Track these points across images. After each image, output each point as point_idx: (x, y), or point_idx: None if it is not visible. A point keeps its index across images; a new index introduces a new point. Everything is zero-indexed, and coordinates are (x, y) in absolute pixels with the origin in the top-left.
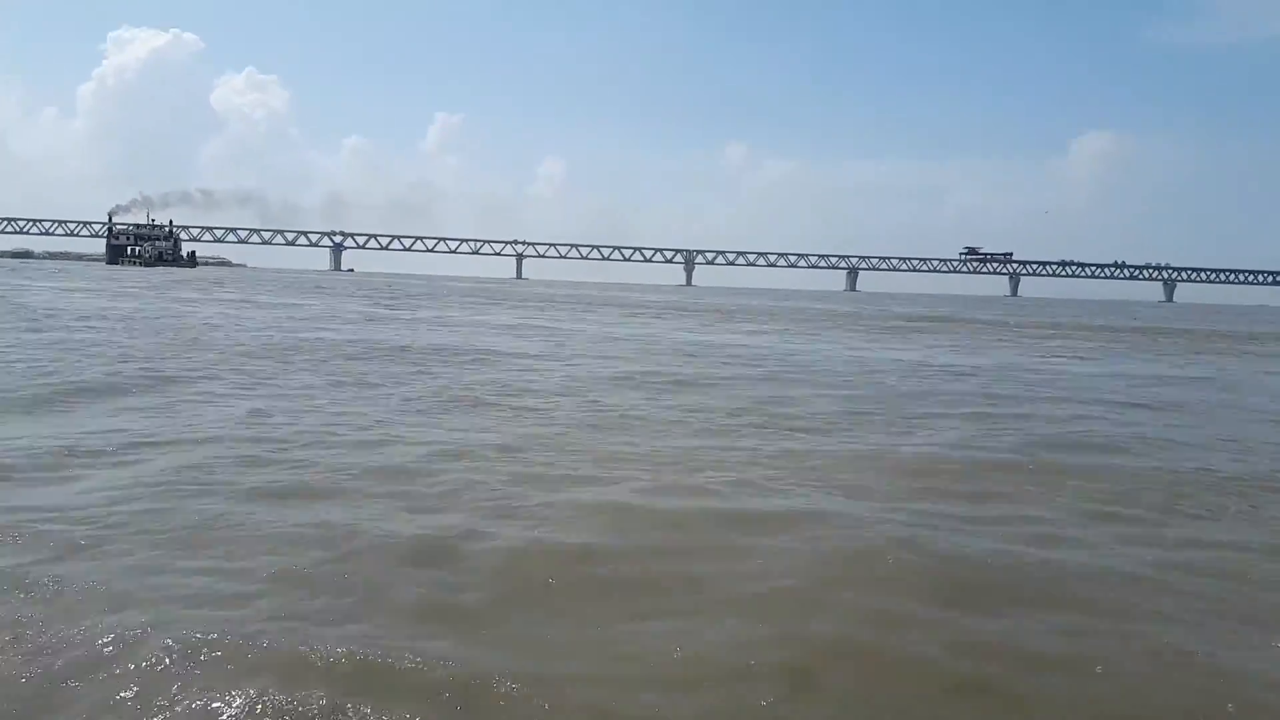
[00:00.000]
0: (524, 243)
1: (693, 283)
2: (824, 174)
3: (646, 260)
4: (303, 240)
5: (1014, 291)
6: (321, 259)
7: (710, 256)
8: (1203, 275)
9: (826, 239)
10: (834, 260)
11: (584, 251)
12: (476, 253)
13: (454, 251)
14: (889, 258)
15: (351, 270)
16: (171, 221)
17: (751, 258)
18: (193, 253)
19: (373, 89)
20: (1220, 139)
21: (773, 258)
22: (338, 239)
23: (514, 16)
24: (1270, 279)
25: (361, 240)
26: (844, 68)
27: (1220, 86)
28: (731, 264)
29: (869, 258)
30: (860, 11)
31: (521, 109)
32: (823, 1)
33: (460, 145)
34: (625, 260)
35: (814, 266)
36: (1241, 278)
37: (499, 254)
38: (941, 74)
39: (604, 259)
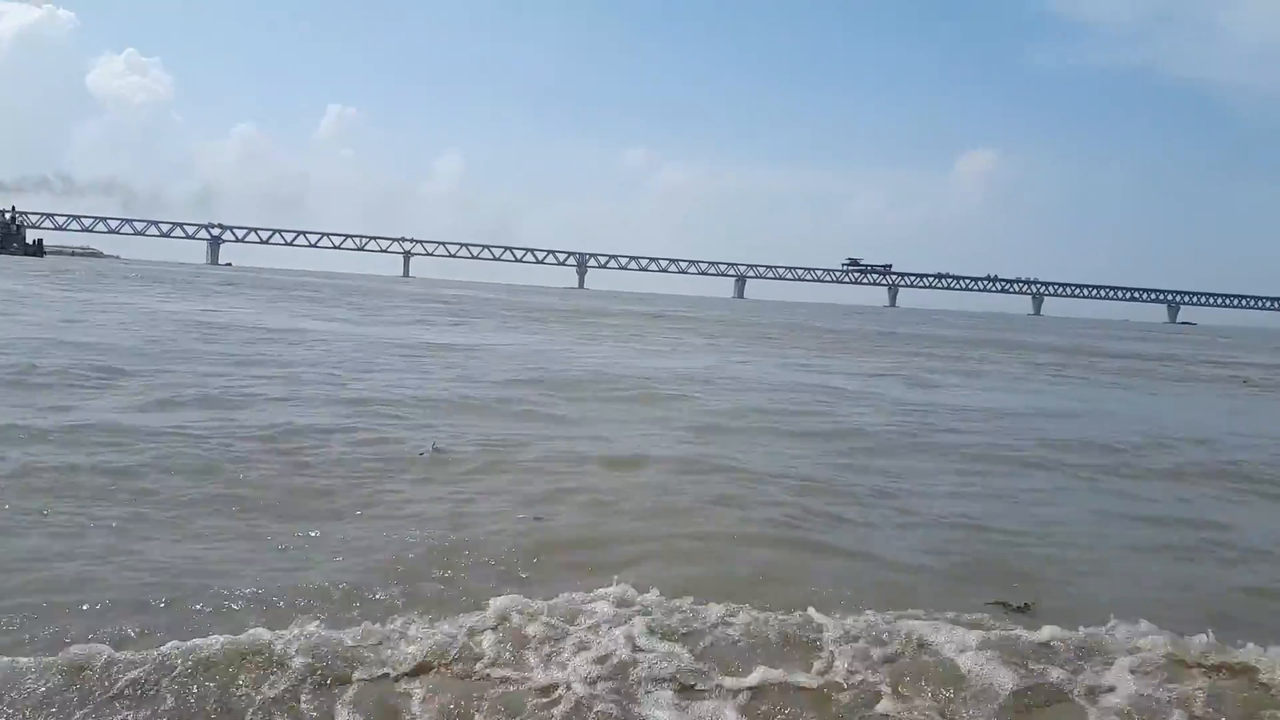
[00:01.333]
0: (412, 240)
1: (585, 286)
2: (723, 181)
3: (538, 262)
4: (178, 232)
5: (892, 302)
6: (198, 252)
7: (603, 260)
8: (1068, 290)
9: (721, 246)
10: (724, 268)
11: (475, 251)
12: (362, 249)
13: (339, 247)
14: (775, 267)
15: (229, 265)
16: (14, 207)
17: (644, 262)
18: (39, 241)
19: (265, 76)
20: (1089, 160)
21: (664, 263)
22: (215, 231)
23: (413, 10)
24: (1129, 295)
25: (241, 233)
26: (746, 77)
27: (1090, 109)
28: (624, 268)
29: (757, 266)
30: (763, 24)
31: (420, 104)
32: (727, 12)
33: (355, 138)
34: (517, 261)
35: (704, 273)
36: (1103, 293)
37: (385, 250)
38: (841, 88)
39: (495, 259)
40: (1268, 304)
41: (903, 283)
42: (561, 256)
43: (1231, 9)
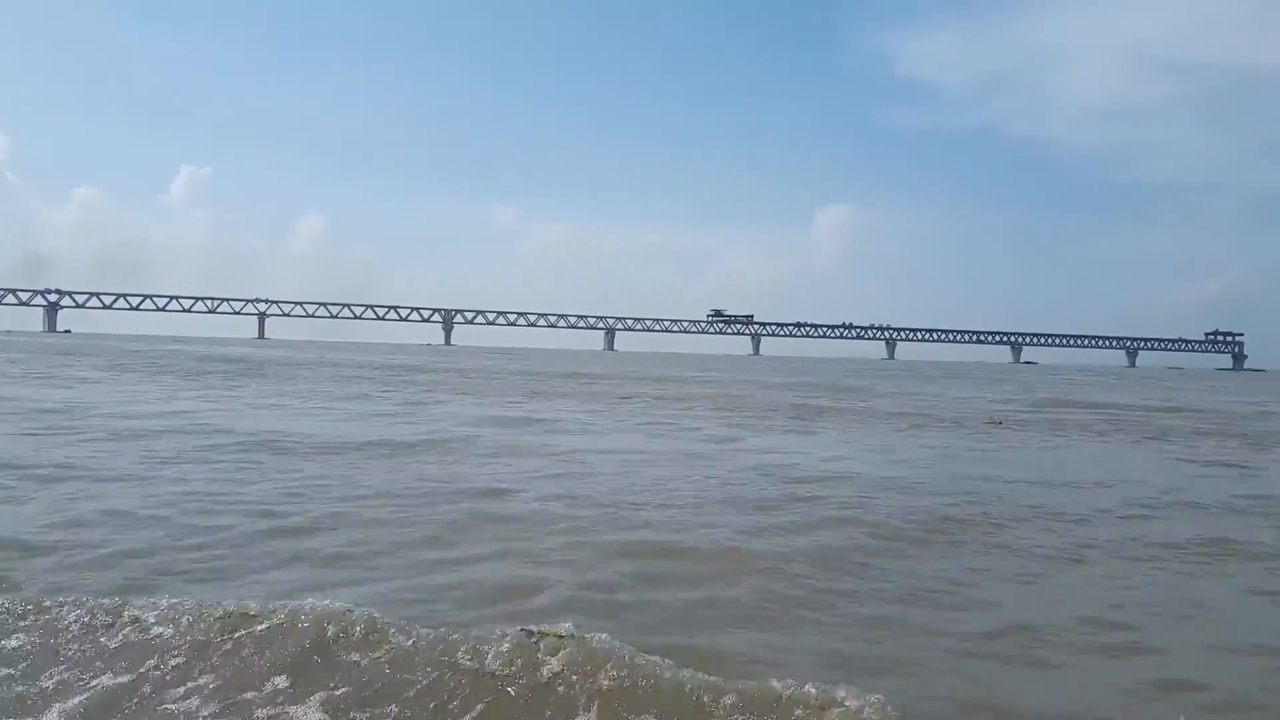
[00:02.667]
0: (267, 301)
1: (451, 342)
2: (593, 239)
3: (403, 319)
4: (10, 299)
5: (756, 350)
6: (34, 319)
7: (470, 316)
8: (918, 335)
9: (591, 301)
10: (593, 320)
11: (334, 310)
12: (214, 311)
13: (189, 310)
14: (644, 319)
15: (68, 331)
16: None
17: (512, 317)
18: None
19: (109, 137)
20: (938, 212)
21: (533, 317)
22: (52, 297)
23: (274, 70)
24: (974, 338)
25: (82, 298)
26: (617, 137)
27: (939, 165)
28: (491, 323)
29: (625, 319)
30: (632, 87)
31: (280, 163)
32: (596, 73)
33: (210, 199)
34: (379, 319)
35: (573, 326)
36: (952, 337)
37: (239, 313)
38: (709, 147)
39: (356, 318)
40: (1097, 342)
41: (765, 332)
42: (426, 313)
43: (1061, 73)
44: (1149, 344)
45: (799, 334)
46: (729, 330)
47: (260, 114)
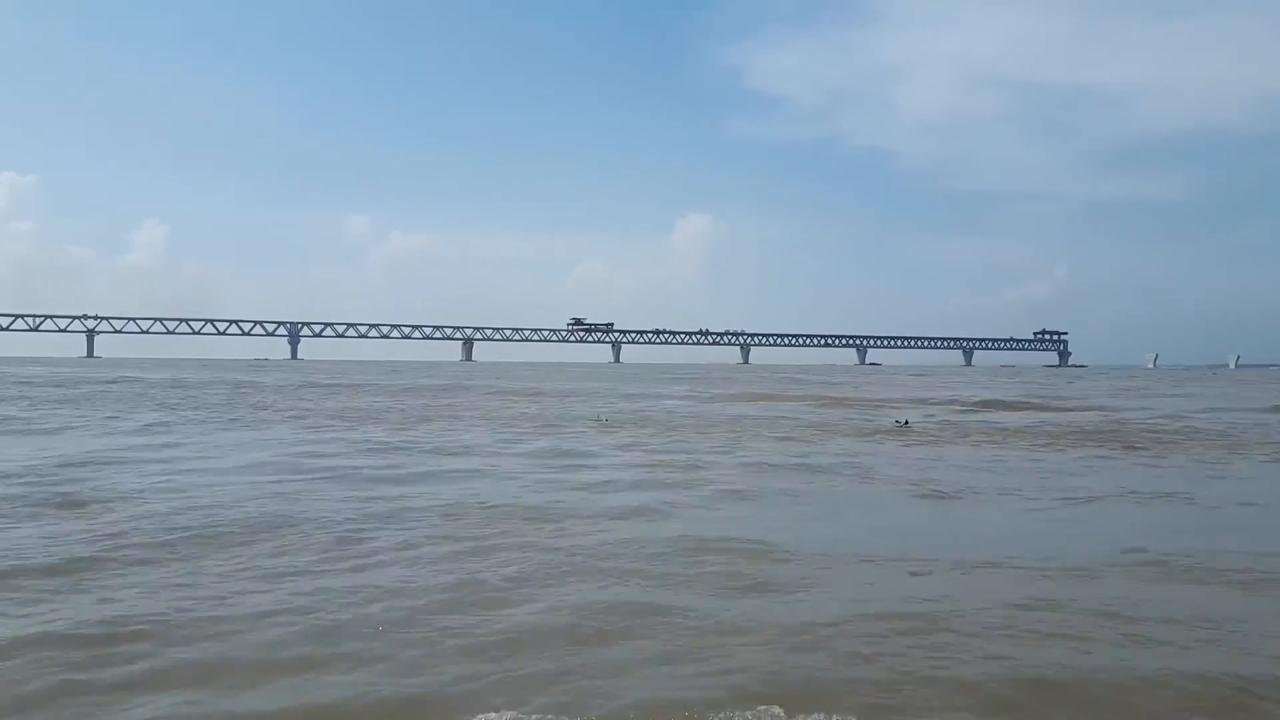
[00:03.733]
0: (96, 317)
1: (298, 356)
2: (451, 248)
3: (244, 333)
4: None
5: (616, 358)
6: None
7: (318, 328)
8: (771, 340)
9: (449, 311)
10: (449, 331)
11: (171, 325)
12: (37, 329)
13: (6, 329)
14: (502, 329)
15: None
16: None
17: (364, 329)
18: None
19: None
20: (789, 220)
21: (386, 329)
22: None
23: (113, 75)
24: (823, 342)
25: None
26: (474, 146)
27: (791, 174)
28: (341, 336)
29: (484, 329)
30: (489, 95)
31: (115, 170)
32: (450, 81)
33: (34, 209)
34: (220, 334)
35: (429, 338)
36: (802, 341)
37: (65, 330)
38: (568, 157)
39: (195, 333)
40: (937, 343)
41: (624, 339)
42: (271, 326)
43: (900, 87)
44: (984, 344)
45: (657, 341)
46: (590, 339)
47: (96, 117)
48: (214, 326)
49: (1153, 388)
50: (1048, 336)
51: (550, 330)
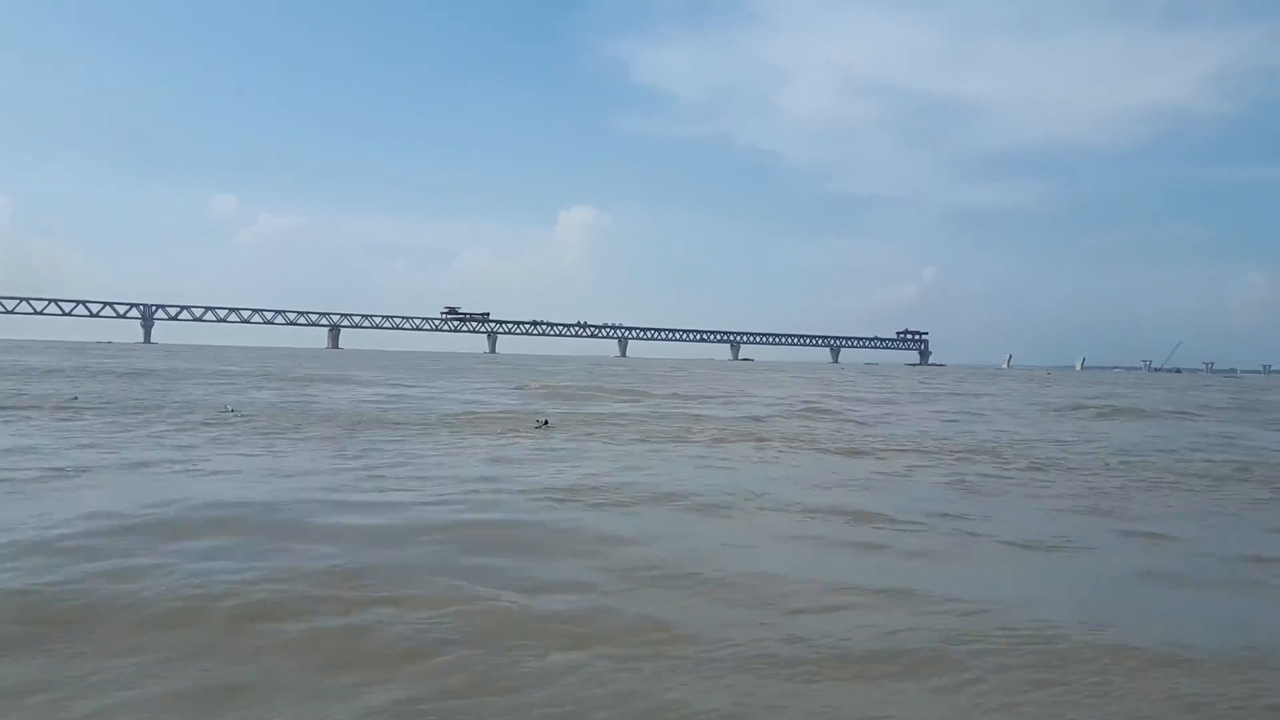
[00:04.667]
0: None
1: (152, 340)
2: (324, 233)
3: (93, 315)
4: None
5: (492, 349)
6: None
7: (174, 311)
8: (649, 334)
9: (320, 297)
10: (315, 317)
11: (9, 304)
12: None
13: None
14: (372, 316)
15: None
16: None
17: (223, 313)
18: None
19: None
20: (672, 217)
21: (246, 313)
22: None
23: None
24: (699, 337)
25: None
26: (349, 129)
27: (675, 171)
28: (199, 319)
29: (352, 315)
30: (368, 81)
31: None
32: (321, 61)
33: None
34: (65, 315)
35: (293, 324)
36: (678, 335)
37: None
38: (451, 145)
39: (38, 313)
40: (806, 341)
41: (501, 330)
42: (122, 308)
43: (784, 89)
44: (851, 342)
45: (535, 333)
46: (464, 328)
47: None
48: (59, 307)
49: (931, 390)
50: (910, 336)
51: (423, 319)
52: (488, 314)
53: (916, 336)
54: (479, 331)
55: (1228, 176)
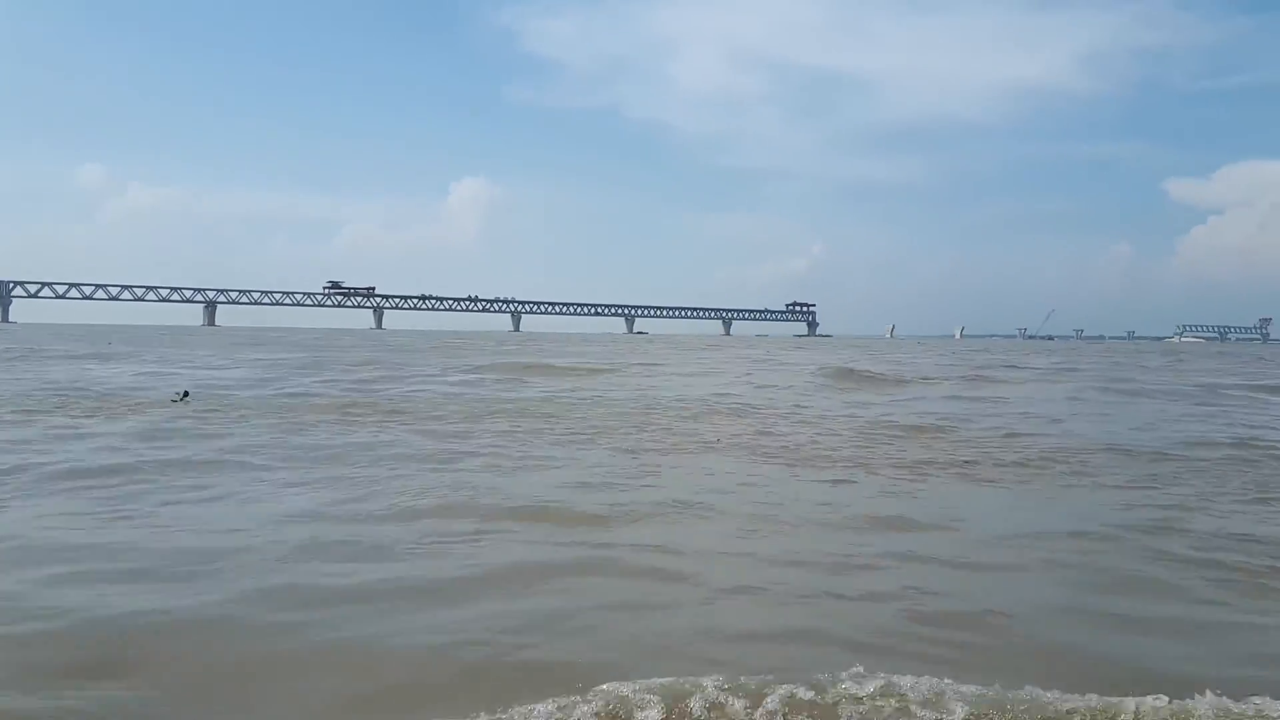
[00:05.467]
0: None
1: (10, 319)
2: (201, 205)
3: None
4: None
5: (379, 324)
6: None
7: (34, 288)
8: (542, 308)
9: (196, 272)
10: (189, 293)
11: None
12: None
13: None
14: (250, 291)
15: None
16: None
17: (89, 290)
18: None
19: None
20: (565, 188)
21: (115, 290)
22: None
23: None
24: (594, 310)
25: None
26: (230, 96)
27: (567, 142)
28: (62, 297)
29: (229, 291)
30: (251, 48)
31: None
32: (204, 29)
33: None
34: None
35: (167, 300)
36: (573, 309)
37: None
38: (334, 114)
39: None
40: (698, 314)
41: (388, 305)
42: None
43: (676, 62)
44: (741, 314)
45: (423, 307)
46: (348, 303)
47: None
48: None
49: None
50: (798, 308)
51: (304, 294)
52: (373, 288)
53: (805, 309)
54: (364, 307)
55: (1098, 152)
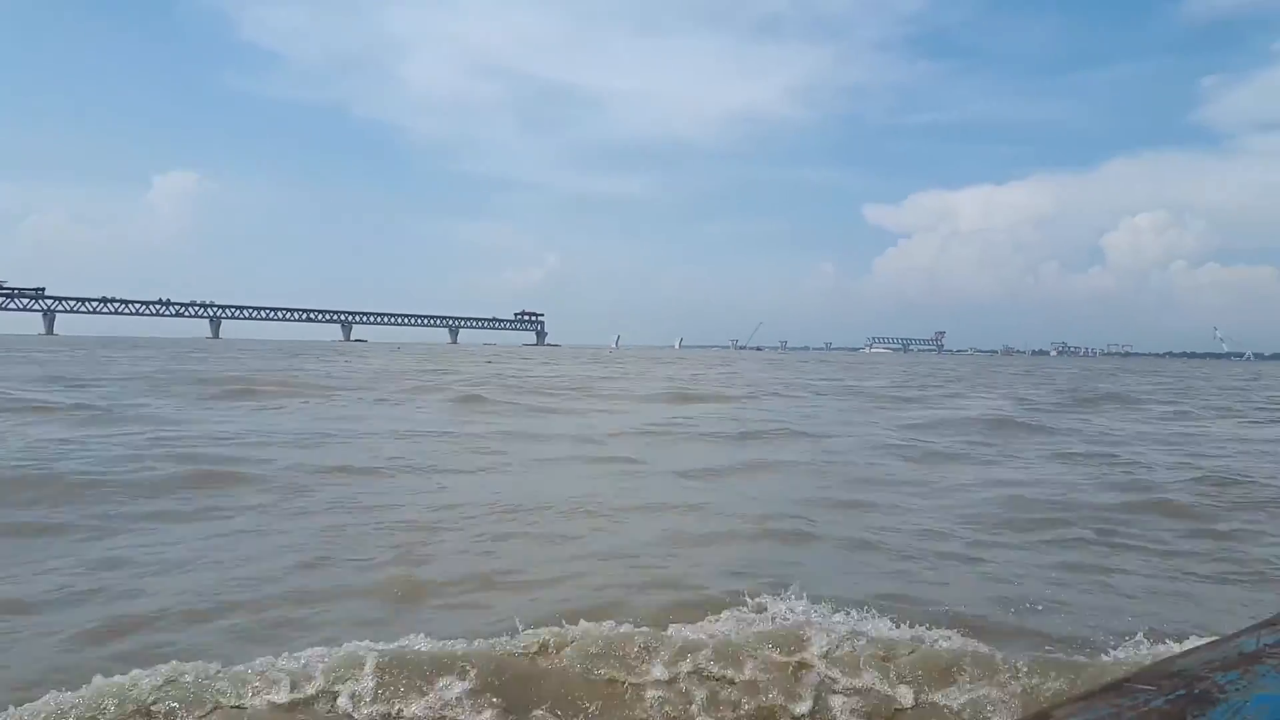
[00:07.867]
0: None
1: None
2: None
3: None
4: None
5: (49, 330)
6: None
7: None
8: (245, 313)
9: None
10: None
11: None
12: None
13: None
14: None
15: None
16: None
17: None
18: None
19: None
20: (284, 186)
21: None
22: None
23: None
24: (305, 316)
25: None
26: None
27: (289, 138)
28: None
29: None
30: None
31: None
32: None
33: None
34: None
35: None
36: (280, 315)
37: None
38: (16, 91)
39: None
40: (424, 321)
41: (61, 308)
42: None
43: (408, 63)
44: (469, 323)
45: (105, 311)
46: (11, 306)
47: None
48: None
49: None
50: (527, 317)
51: None
52: (42, 289)
53: (533, 318)
54: (31, 310)
55: (808, 177)
